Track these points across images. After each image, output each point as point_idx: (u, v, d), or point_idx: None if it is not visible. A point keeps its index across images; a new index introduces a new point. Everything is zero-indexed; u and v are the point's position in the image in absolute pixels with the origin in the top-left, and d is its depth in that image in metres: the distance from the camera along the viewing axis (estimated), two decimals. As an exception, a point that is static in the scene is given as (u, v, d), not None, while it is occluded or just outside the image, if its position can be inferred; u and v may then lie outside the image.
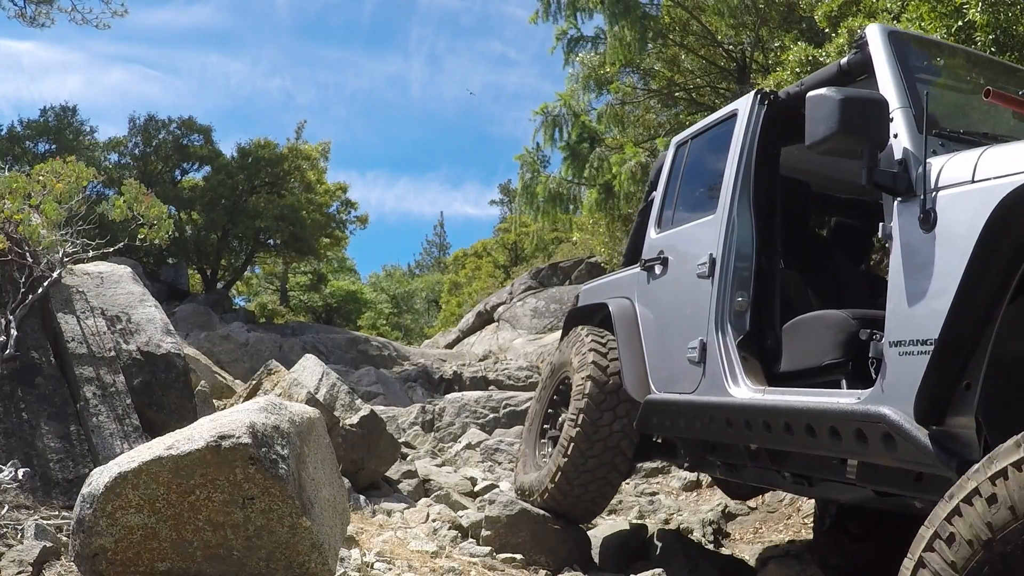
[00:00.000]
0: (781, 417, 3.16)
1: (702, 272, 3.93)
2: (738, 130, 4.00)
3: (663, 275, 4.41)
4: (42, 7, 15.73)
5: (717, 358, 3.72)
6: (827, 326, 3.33)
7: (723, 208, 3.93)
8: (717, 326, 3.78)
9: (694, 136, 4.60)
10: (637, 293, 4.69)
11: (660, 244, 4.53)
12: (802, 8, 9.96)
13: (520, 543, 4.73)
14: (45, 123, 21.07)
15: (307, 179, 22.72)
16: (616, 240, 13.67)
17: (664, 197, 4.70)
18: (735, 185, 3.89)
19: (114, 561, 2.63)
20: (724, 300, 3.80)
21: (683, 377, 3.99)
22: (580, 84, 12.41)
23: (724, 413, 3.57)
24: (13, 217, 4.47)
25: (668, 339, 4.25)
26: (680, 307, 4.18)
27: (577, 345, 4.87)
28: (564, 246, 22.69)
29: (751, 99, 4.04)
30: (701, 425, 3.77)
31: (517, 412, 9.76)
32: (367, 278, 39.66)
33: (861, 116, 2.75)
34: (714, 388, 3.71)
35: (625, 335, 4.59)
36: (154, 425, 4.29)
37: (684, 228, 4.35)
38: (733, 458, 4.00)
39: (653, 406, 4.20)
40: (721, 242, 3.88)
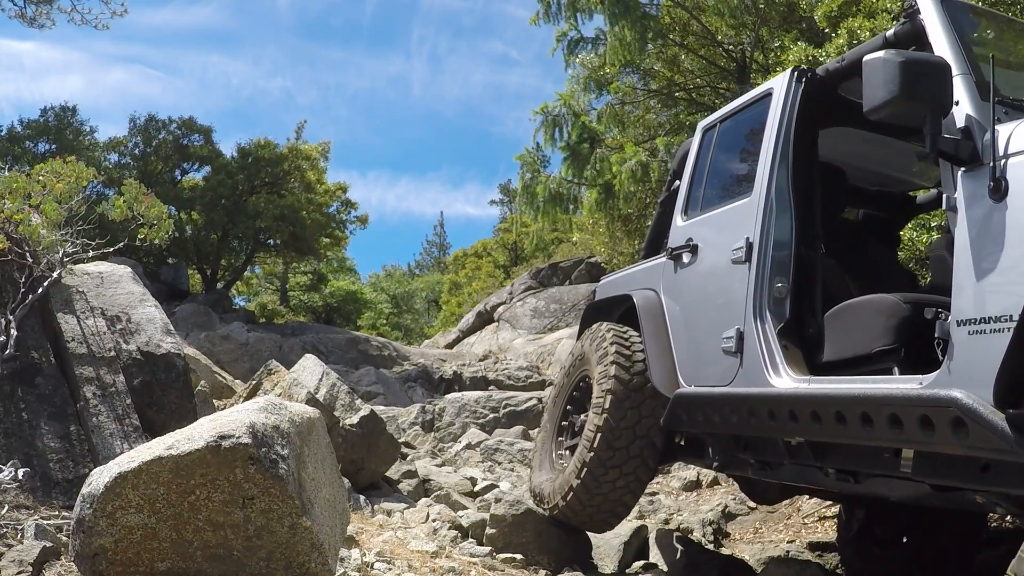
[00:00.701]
0: (833, 406, 2.98)
1: (738, 258, 3.75)
2: (774, 110, 3.82)
3: (693, 263, 4.21)
4: (42, 7, 15.73)
5: (756, 347, 3.54)
6: (877, 311, 3.17)
7: (759, 191, 3.74)
8: (755, 314, 3.59)
9: (723, 119, 4.41)
10: (663, 283, 4.48)
11: (688, 231, 4.33)
12: (802, 8, 9.95)
13: (523, 543, 4.73)
14: (45, 123, 21.07)
15: (307, 179, 22.72)
16: (616, 240, 13.68)
17: (691, 183, 4.50)
18: (772, 167, 3.71)
19: (114, 561, 2.63)
20: (762, 286, 3.60)
21: (717, 369, 3.81)
22: (580, 84, 12.41)
23: (766, 405, 3.38)
24: (13, 217, 4.47)
25: (699, 330, 4.07)
26: (713, 295, 4.00)
27: (596, 342, 4.67)
28: (564, 246, 22.70)
29: (788, 77, 3.84)
30: (739, 419, 3.59)
31: (517, 412, 9.76)
32: (367, 278, 39.71)
33: (924, 80, 2.61)
34: (753, 379, 3.53)
35: (651, 327, 4.38)
36: (154, 425, 4.29)
37: (715, 213, 4.15)
38: (769, 455, 3.78)
39: (684, 400, 4.01)
40: (758, 226, 3.68)
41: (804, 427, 3.20)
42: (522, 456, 7.82)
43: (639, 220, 12.78)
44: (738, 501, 6.12)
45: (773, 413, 3.34)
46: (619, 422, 4.27)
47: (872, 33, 5.82)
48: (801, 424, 3.20)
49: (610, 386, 4.33)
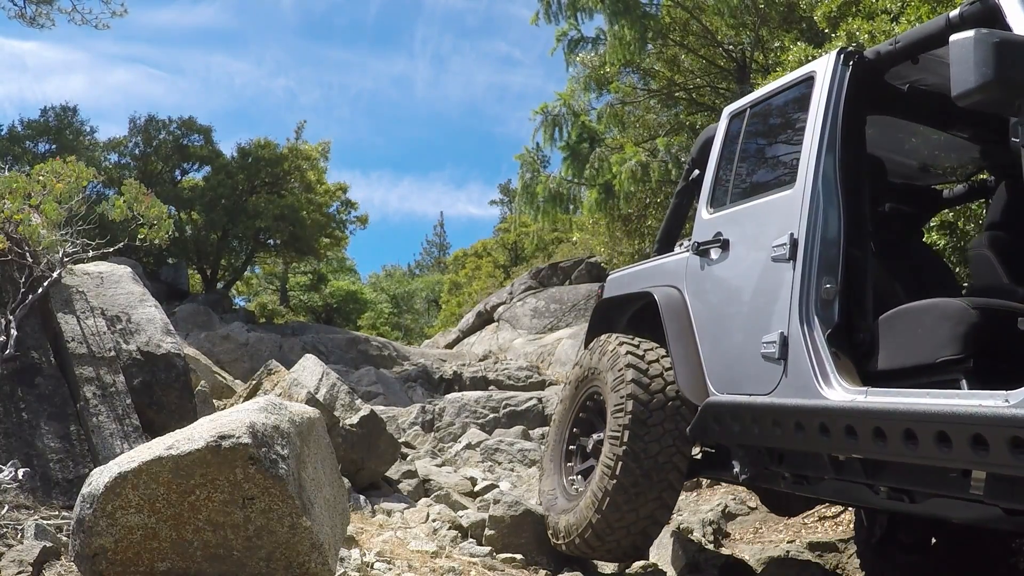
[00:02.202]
0: (901, 423, 2.70)
1: (780, 255, 3.45)
2: (819, 94, 3.52)
3: (723, 259, 3.90)
4: (42, 7, 15.75)
5: (803, 354, 3.25)
6: (943, 316, 2.91)
7: (804, 182, 3.44)
8: (802, 317, 3.29)
9: (754, 104, 4.09)
10: (688, 280, 4.16)
11: (717, 225, 4.00)
12: (802, 8, 9.96)
13: (522, 543, 4.73)
14: (45, 123, 21.07)
15: (307, 179, 22.73)
16: (616, 240, 13.68)
17: (717, 173, 4.18)
18: (818, 156, 3.42)
19: (114, 561, 2.63)
20: (809, 287, 3.31)
21: (755, 376, 3.51)
22: (580, 84, 12.42)
23: (818, 418, 3.08)
24: (13, 217, 4.47)
25: (733, 332, 3.77)
26: (749, 295, 3.70)
27: (607, 355, 4.35)
28: (564, 246, 22.69)
29: (832, 60, 3.53)
30: (783, 432, 3.28)
31: (517, 412, 9.76)
32: (367, 278, 39.72)
33: (1020, 62, 2.38)
34: (800, 389, 3.24)
35: (676, 328, 4.07)
36: (154, 425, 4.29)
37: (750, 206, 3.84)
38: (809, 469, 3.49)
39: (715, 410, 3.71)
40: (804, 220, 3.38)
41: (864, 445, 2.92)
42: (522, 456, 7.82)
43: (639, 220, 12.80)
44: (738, 501, 6.12)
45: (826, 428, 3.05)
46: (640, 451, 3.96)
47: (871, 34, 5.82)
48: (860, 441, 2.91)
49: (627, 421, 4.01)
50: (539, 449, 8.06)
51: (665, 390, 4.06)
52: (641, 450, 3.96)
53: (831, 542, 5.13)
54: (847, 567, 4.92)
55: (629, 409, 4.02)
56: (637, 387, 4.07)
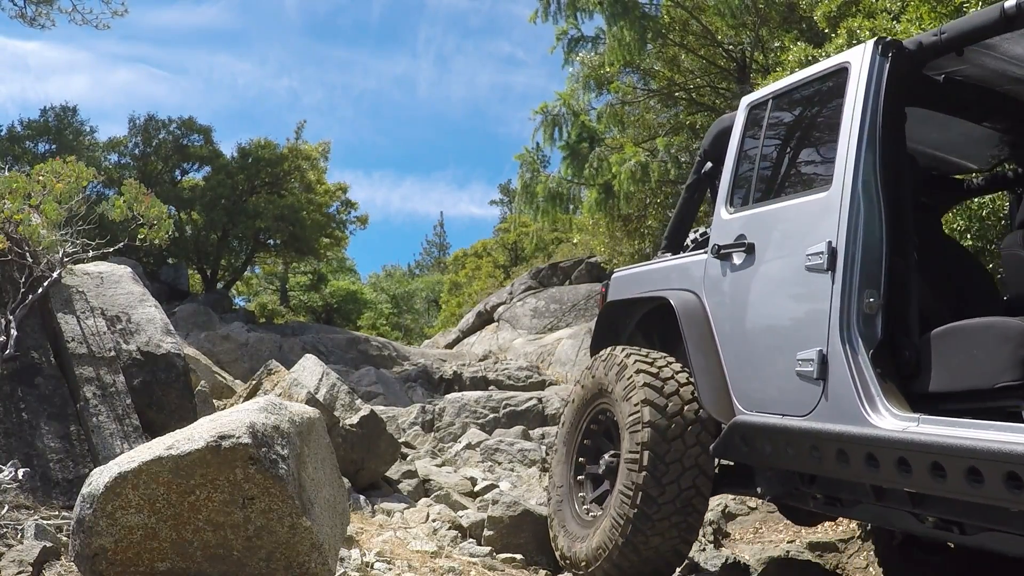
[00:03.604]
0: (965, 460, 2.47)
1: (816, 264, 3.19)
2: (855, 87, 3.27)
3: (749, 266, 3.62)
4: (42, 7, 15.75)
5: (845, 374, 3.01)
6: (1003, 338, 2.70)
7: (842, 184, 3.18)
8: (843, 334, 3.04)
9: (777, 95, 3.80)
10: (707, 286, 3.87)
11: (739, 226, 3.73)
12: (802, 8, 9.96)
13: (522, 543, 4.74)
14: (45, 123, 21.08)
15: (307, 179, 22.73)
16: (616, 240, 13.68)
17: (737, 168, 3.91)
18: (857, 155, 3.16)
19: (114, 561, 2.63)
20: (850, 300, 3.06)
21: (789, 396, 3.27)
22: (580, 84, 12.41)
23: (864, 448, 2.85)
24: (13, 217, 4.47)
25: (761, 346, 3.51)
26: (780, 307, 3.47)
27: (615, 370, 4.06)
28: (564, 246, 22.68)
29: (870, 50, 3.28)
30: (823, 460, 3.04)
31: (517, 412, 9.76)
32: (367, 278, 39.71)
33: None
34: (841, 413, 3.01)
35: (696, 339, 3.80)
36: (154, 425, 4.29)
37: (778, 207, 3.57)
38: (845, 492, 3.28)
39: (744, 430, 3.46)
40: (843, 226, 3.13)
41: (919, 480, 2.67)
42: (522, 456, 7.82)
43: (639, 220, 12.80)
44: (738, 501, 6.11)
45: (874, 458, 2.82)
46: (662, 476, 3.68)
47: (872, 33, 5.82)
48: (915, 476, 2.67)
49: (646, 443, 3.71)
50: (539, 449, 8.06)
51: (683, 409, 3.78)
52: (663, 475, 3.68)
53: (831, 542, 5.12)
54: (847, 567, 4.92)
55: (646, 434, 3.72)
56: (653, 408, 3.78)
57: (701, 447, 3.71)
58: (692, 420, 3.74)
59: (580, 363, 12.51)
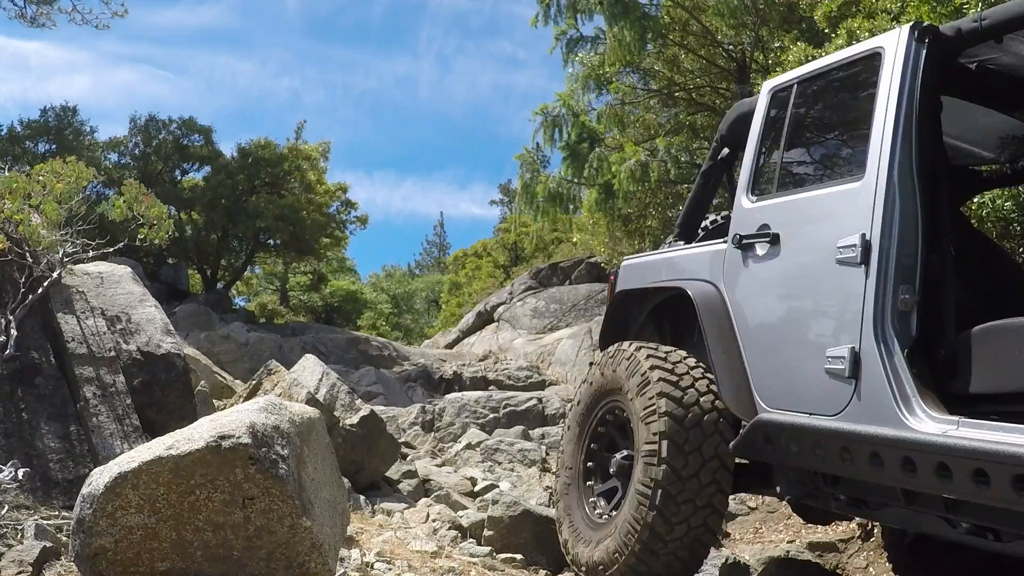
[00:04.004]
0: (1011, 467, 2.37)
1: (848, 257, 3.06)
2: (889, 73, 3.13)
3: (773, 257, 3.47)
4: (42, 7, 15.76)
5: (879, 373, 2.89)
6: None
7: (877, 174, 3.05)
8: (877, 331, 2.92)
9: (803, 80, 3.64)
10: (727, 277, 3.72)
11: (762, 215, 3.58)
12: (802, 8, 9.96)
13: (522, 543, 4.74)
14: (45, 123, 21.08)
15: (307, 179, 22.73)
16: (616, 240, 13.67)
17: (759, 155, 3.76)
18: (893, 145, 3.03)
19: (114, 561, 2.63)
20: (885, 296, 2.94)
21: (817, 394, 3.14)
22: (580, 84, 12.41)
23: (901, 452, 2.73)
24: (13, 217, 4.48)
25: (787, 342, 3.38)
26: (807, 301, 3.32)
27: (626, 364, 3.91)
28: (564, 246, 22.68)
29: (905, 35, 3.14)
30: (855, 463, 2.93)
31: (517, 412, 9.76)
32: (367, 278, 39.73)
33: None
34: (875, 414, 2.88)
35: (716, 333, 3.66)
36: (154, 425, 4.30)
37: (805, 197, 3.44)
38: (872, 495, 3.18)
39: (767, 429, 3.32)
40: (877, 218, 3.00)
41: (960, 486, 2.55)
42: (522, 456, 7.82)
43: (639, 220, 12.80)
44: (738, 501, 6.11)
45: (912, 463, 2.70)
46: (681, 470, 3.51)
47: (872, 33, 5.82)
48: (955, 483, 2.56)
49: (663, 427, 3.55)
50: (539, 449, 8.06)
51: (700, 402, 3.62)
52: (682, 467, 3.52)
53: (831, 542, 5.12)
54: (847, 567, 4.92)
55: (664, 430, 3.56)
56: (671, 403, 3.61)
57: (721, 446, 3.55)
58: (709, 419, 3.59)
59: (580, 363, 12.51)
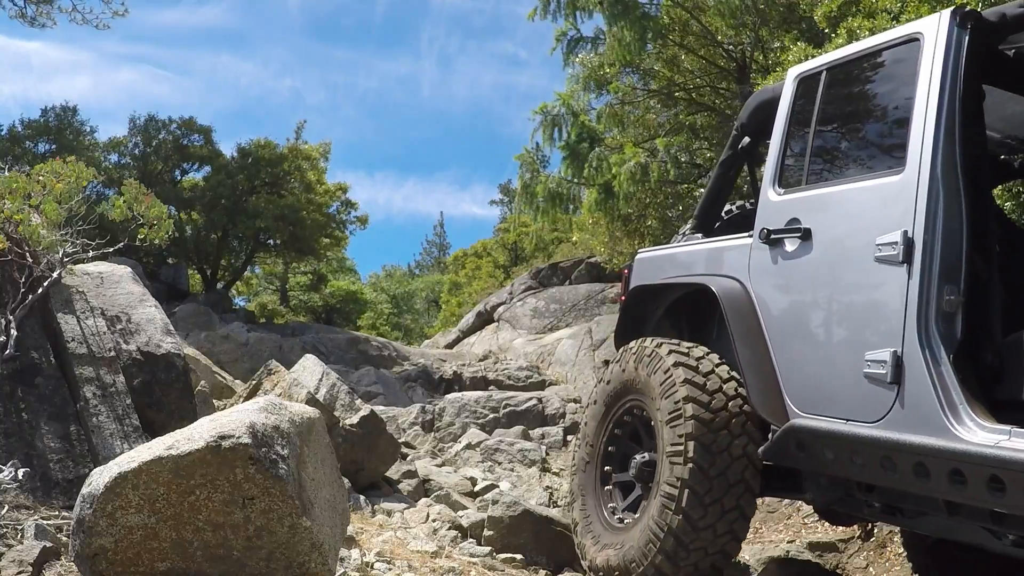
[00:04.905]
0: None
1: (889, 255, 2.92)
2: (930, 60, 2.99)
3: (804, 253, 3.33)
4: (42, 7, 15.74)
5: (923, 379, 2.75)
6: None
7: (918, 167, 2.90)
8: (921, 333, 2.77)
9: (832, 67, 3.49)
10: (754, 273, 3.58)
11: (792, 209, 3.43)
12: (802, 8, 9.95)
13: (522, 543, 4.74)
14: (45, 123, 21.07)
15: (307, 179, 22.73)
16: (616, 240, 13.66)
17: (786, 145, 3.61)
18: (936, 136, 2.89)
19: (114, 561, 2.63)
20: (929, 297, 2.79)
21: (854, 399, 3.01)
22: (580, 84, 12.40)
23: (949, 462, 2.60)
24: (13, 217, 4.47)
25: (821, 343, 3.24)
26: (843, 301, 3.18)
27: (648, 362, 3.77)
28: (564, 246, 22.68)
29: (946, 20, 3.00)
30: (897, 471, 2.80)
31: (517, 412, 9.76)
32: (367, 278, 39.73)
33: None
34: (919, 422, 2.75)
35: (743, 332, 3.52)
36: (154, 425, 4.30)
37: (839, 190, 3.28)
38: (910, 503, 3.08)
39: (801, 435, 3.19)
40: (920, 214, 2.85)
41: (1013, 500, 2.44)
42: (522, 456, 7.82)
43: (639, 220, 12.79)
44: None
45: (961, 474, 2.59)
46: (708, 470, 3.41)
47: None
48: (1009, 496, 2.44)
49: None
50: (539, 449, 8.06)
51: (728, 405, 3.51)
52: (710, 466, 3.41)
53: (831, 542, 5.12)
54: (847, 567, 4.92)
55: (691, 430, 3.44)
56: (697, 404, 3.50)
57: (746, 454, 3.44)
58: (736, 428, 3.47)
59: (580, 363, 12.51)
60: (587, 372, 12.04)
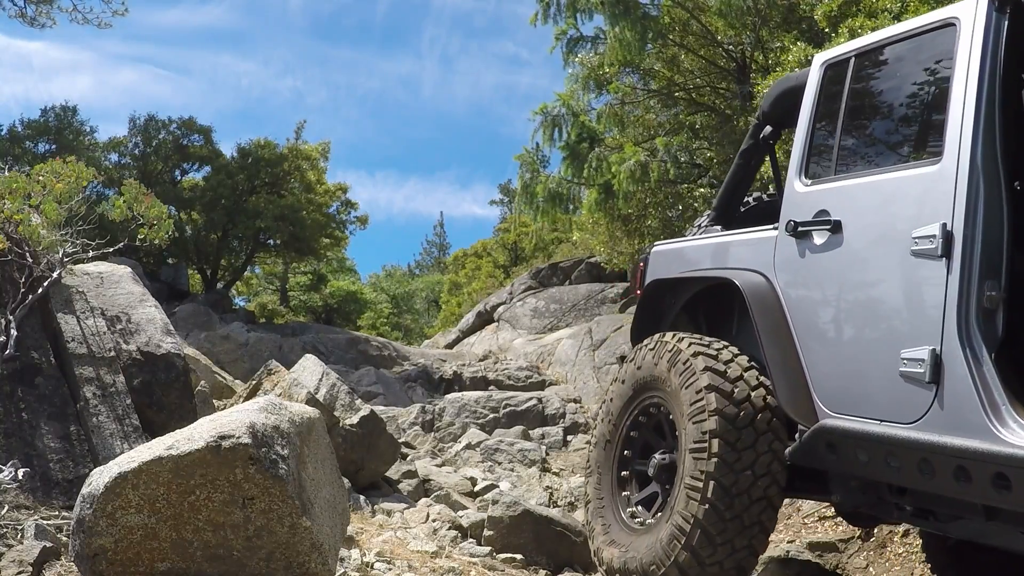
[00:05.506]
0: None
1: (926, 249, 2.80)
2: (967, 46, 2.87)
3: (834, 246, 3.21)
4: (42, 7, 15.74)
5: (964, 378, 2.64)
6: None
7: (957, 156, 2.79)
8: (961, 331, 2.67)
9: (862, 53, 3.36)
10: (779, 267, 3.47)
11: (820, 200, 3.31)
12: (802, 8, 9.96)
13: (522, 543, 4.74)
14: (45, 123, 21.05)
15: (307, 179, 22.73)
16: (616, 240, 13.67)
17: (813, 133, 3.49)
18: (976, 125, 2.77)
19: (114, 561, 2.63)
20: (969, 293, 2.69)
21: (889, 399, 2.90)
22: (579, 84, 12.41)
23: (994, 466, 2.50)
24: (13, 217, 4.48)
25: (853, 341, 3.13)
26: (876, 296, 3.05)
27: (668, 357, 3.66)
28: (564, 246, 22.69)
29: (983, 4, 2.87)
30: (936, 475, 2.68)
31: (517, 412, 9.76)
32: (367, 278, 39.72)
33: None
34: (959, 423, 2.64)
35: (770, 328, 3.40)
36: (154, 425, 4.30)
37: (872, 180, 3.15)
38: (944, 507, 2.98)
39: (832, 435, 3.08)
40: (959, 205, 2.74)
41: None
42: (522, 456, 7.82)
43: (639, 220, 12.79)
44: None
45: (1006, 479, 2.48)
46: (734, 463, 3.29)
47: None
48: None
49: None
50: (539, 449, 8.06)
51: (752, 397, 3.41)
52: (736, 469, 3.29)
53: (831, 542, 5.12)
54: (847, 567, 4.92)
55: (715, 424, 3.34)
56: (721, 396, 3.39)
57: (772, 448, 3.33)
58: (761, 423, 3.36)
59: (580, 363, 12.50)
60: (587, 372, 12.04)
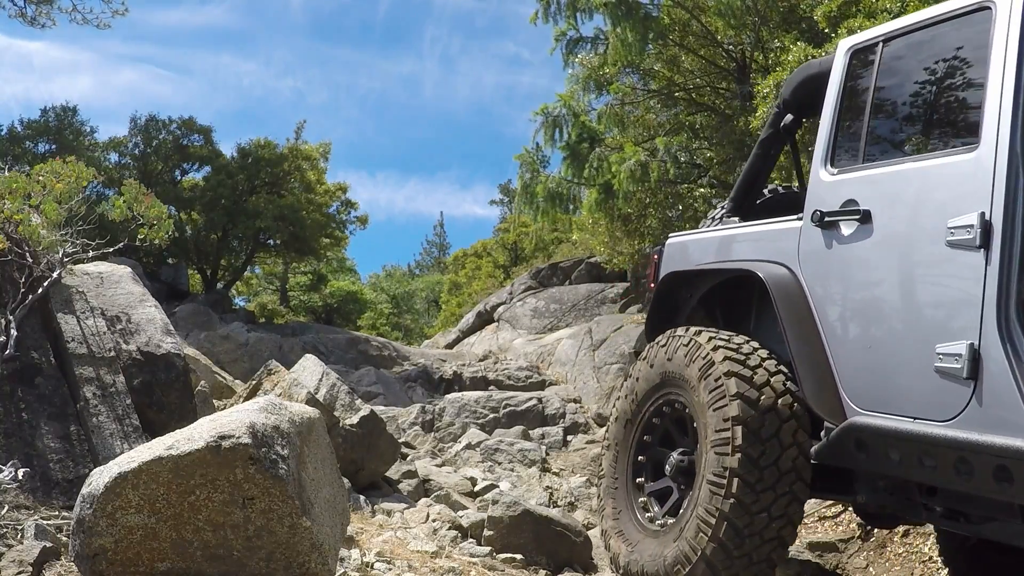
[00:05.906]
0: None
1: (963, 240, 2.69)
2: (1004, 30, 2.76)
3: (863, 237, 3.10)
4: (42, 7, 15.74)
5: (1004, 374, 2.53)
6: None
7: (995, 143, 2.68)
8: (1001, 325, 2.55)
9: (890, 39, 3.26)
10: (804, 259, 3.36)
11: (848, 190, 3.20)
12: (802, 8, 9.96)
13: (522, 543, 4.74)
14: (45, 123, 21.05)
15: (307, 179, 22.73)
16: (616, 240, 13.67)
17: (839, 121, 3.38)
18: (1015, 110, 2.67)
19: (114, 561, 2.63)
20: (1009, 285, 2.57)
21: (923, 396, 2.79)
22: (580, 84, 12.41)
23: None
24: (13, 217, 4.48)
25: (884, 335, 3.01)
26: (910, 289, 2.94)
27: (686, 352, 3.57)
28: (564, 246, 22.69)
29: None
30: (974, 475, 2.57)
31: (517, 412, 9.76)
32: (367, 278, 39.73)
33: None
34: (1000, 421, 2.53)
35: (795, 322, 3.29)
36: (154, 425, 4.30)
37: (903, 169, 3.04)
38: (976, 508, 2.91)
39: (862, 434, 2.98)
40: (999, 194, 2.63)
41: None
42: (522, 456, 7.82)
43: (639, 220, 12.79)
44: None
45: None
46: (759, 458, 3.20)
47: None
48: None
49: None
50: (539, 449, 8.06)
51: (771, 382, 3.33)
52: (761, 464, 3.21)
53: (831, 542, 5.12)
54: (847, 567, 4.92)
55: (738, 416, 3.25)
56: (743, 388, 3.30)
57: (797, 443, 3.24)
58: (785, 417, 3.27)
59: (580, 363, 12.51)
60: (587, 372, 12.04)
